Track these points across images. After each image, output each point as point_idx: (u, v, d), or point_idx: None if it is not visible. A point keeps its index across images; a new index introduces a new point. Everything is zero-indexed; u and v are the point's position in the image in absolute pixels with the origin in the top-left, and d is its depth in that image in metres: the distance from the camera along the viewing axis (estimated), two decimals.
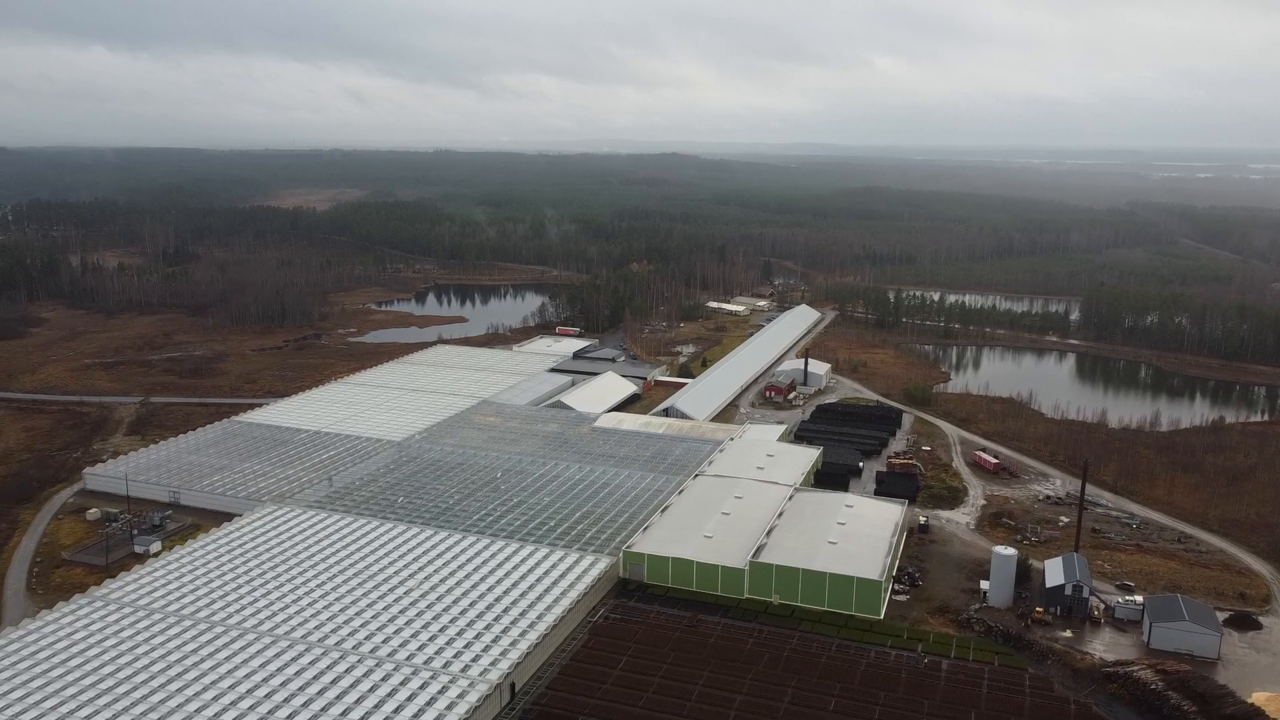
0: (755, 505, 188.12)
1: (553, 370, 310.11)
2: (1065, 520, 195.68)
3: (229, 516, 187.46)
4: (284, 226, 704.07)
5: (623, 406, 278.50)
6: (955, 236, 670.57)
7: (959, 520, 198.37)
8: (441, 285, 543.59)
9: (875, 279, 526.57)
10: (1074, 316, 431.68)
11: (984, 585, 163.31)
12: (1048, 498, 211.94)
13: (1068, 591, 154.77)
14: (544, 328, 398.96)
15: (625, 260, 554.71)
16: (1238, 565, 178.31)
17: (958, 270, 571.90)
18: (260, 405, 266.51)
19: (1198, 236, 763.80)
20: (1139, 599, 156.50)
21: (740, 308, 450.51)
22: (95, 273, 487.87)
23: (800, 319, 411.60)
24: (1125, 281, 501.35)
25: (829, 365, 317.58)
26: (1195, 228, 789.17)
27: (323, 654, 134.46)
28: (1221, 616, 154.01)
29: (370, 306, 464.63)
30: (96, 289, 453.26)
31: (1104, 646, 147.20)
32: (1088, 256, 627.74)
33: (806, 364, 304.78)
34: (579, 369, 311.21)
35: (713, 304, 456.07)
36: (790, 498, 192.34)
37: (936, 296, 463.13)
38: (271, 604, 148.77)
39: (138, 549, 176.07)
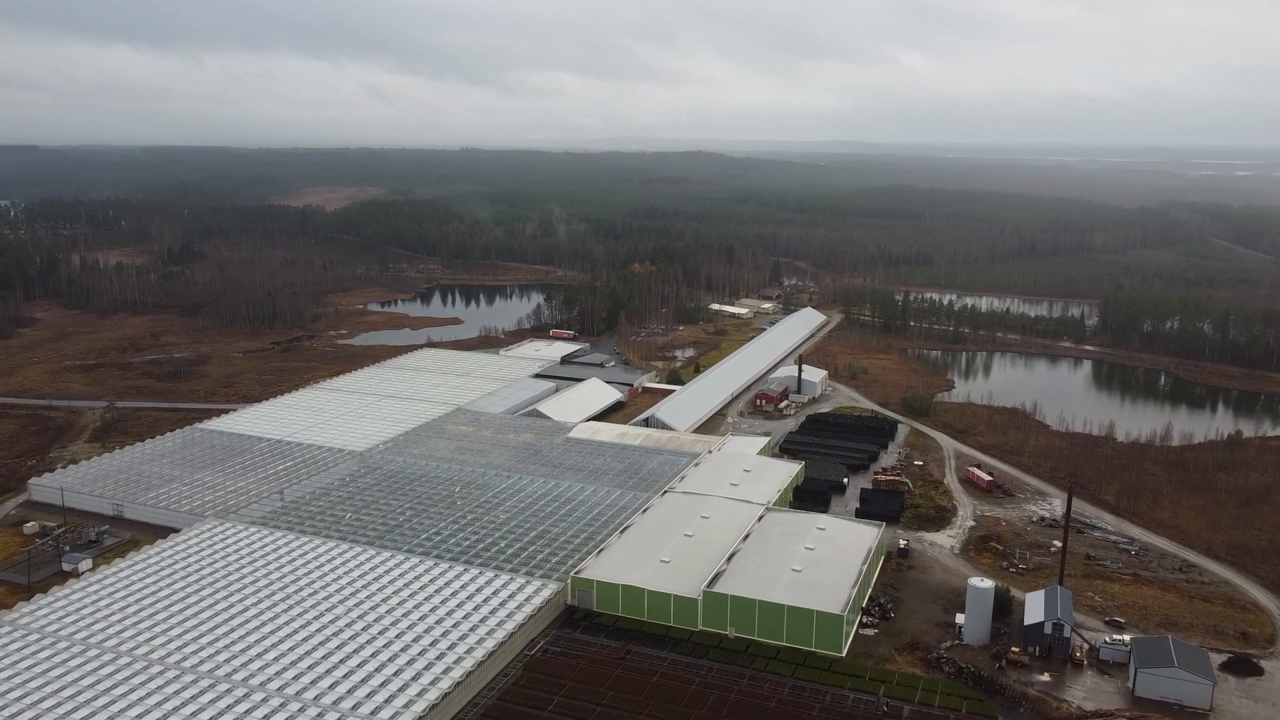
0: (721, 527, 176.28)
1: (537, 376, 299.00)
2: (1058, 545, 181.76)
3: (172, 532, 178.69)
4: (292, 225, 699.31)
5: (605, 415, 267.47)
6: (975, 237, 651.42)
7: (943, 544, 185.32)
8: (445, 285, 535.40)
9: (888, 280, 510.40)
10: (1091, 321, 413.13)
11: (960, 619, 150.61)
12: (1042, 519, 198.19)
13: (1047, 630, 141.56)
14: (539, 330, 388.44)
15: (631, 260, 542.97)
16: (1242, 599, 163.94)
17: (975, 271, 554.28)
18: (230, 411, 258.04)
19: (1230, 237, 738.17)
20: (1126, 639, 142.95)
21: (743, 310, 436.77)
22: (93, 272, 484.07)
23: (804, 322, 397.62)
24: (1149, 284, 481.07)
25: (825, 372, 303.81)
26: (1228, 227, 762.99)
27: (227, 691, 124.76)
28: (1219, 659, 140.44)
29: (370, 307, 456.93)
30: (93, 289, 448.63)
31: (1084, 693, 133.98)
32: (1112, 257, 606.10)
33: (800, 370, 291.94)
34: (564, 375, 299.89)
35: (715, 306, 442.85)
36: (760, 518, 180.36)
37: (948, 299, 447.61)
38: (186, 633, 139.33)
39: (65, 567, 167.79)
